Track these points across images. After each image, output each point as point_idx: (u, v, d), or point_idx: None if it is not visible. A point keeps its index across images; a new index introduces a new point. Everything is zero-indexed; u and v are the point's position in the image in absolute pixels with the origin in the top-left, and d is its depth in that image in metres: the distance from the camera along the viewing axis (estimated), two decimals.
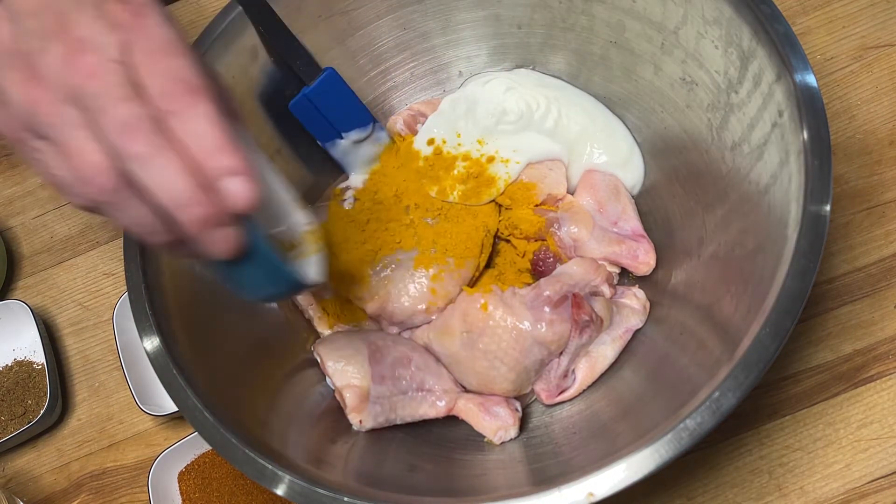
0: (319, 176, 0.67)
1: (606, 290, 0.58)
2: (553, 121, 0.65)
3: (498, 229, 0.64)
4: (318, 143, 0.64)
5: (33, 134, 0.37)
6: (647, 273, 0.61)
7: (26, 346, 0.72)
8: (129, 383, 0.66)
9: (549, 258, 0.62)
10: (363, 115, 0.64)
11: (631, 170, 0.64)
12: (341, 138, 0.64)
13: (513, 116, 0.65)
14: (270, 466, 0.44)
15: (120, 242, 0.70)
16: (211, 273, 0.42)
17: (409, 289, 0.59)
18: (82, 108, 0.35)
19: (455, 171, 0.64)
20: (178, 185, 0.35)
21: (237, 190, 0.36)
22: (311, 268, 0.47)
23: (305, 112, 0.62)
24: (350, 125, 0.63)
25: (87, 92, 0.35)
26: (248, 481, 0.64)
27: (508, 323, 0.55)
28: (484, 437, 0.57)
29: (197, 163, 0.36)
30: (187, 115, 0.35)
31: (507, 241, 0.65)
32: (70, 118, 0.36)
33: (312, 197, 0.67)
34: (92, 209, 0.38)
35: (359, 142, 0.65)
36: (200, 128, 0.35)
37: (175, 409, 0.63)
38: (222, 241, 0.38)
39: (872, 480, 0.57)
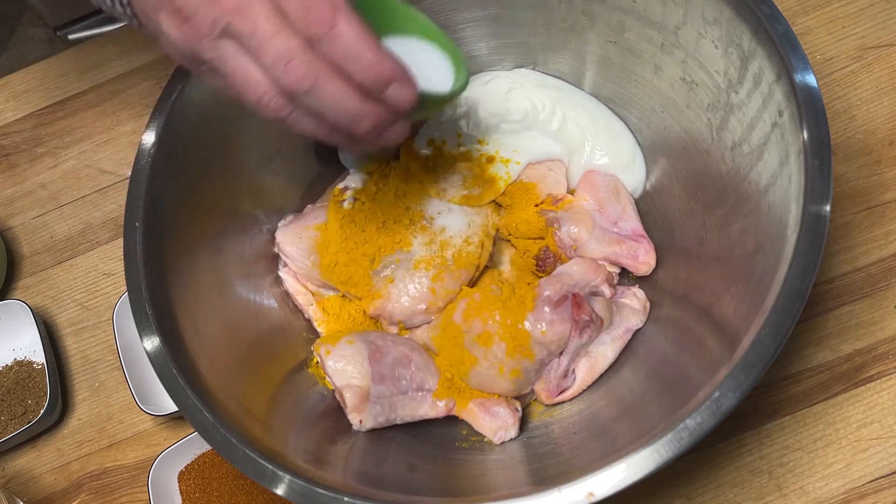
0: (322, 166, 0.67)
1: (606, 290, 0.58)
2: (557, 123, 0.65)
3: (498, 229, 0.64)
4: None
5: (199, 63, 0.40)
6: (647, 273, 0.61)
7: (26, 346, 0.72)
8: (129, 383, 0.66)
9: (550, 258, 0.62)
10: None
11: (633, 172, 0.64)
12: None
13: (517, 115, 0.65)
14: (270, 466, 0.44)
15: (120, 242, 0.70)
16: None
17: (409, 289, 0.59)
18: (237, 40, 0.38)
19: (455, 172, 0.64)
20: (345, 105, 0.39)
21: (399, 95, 0.39)
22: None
23: None
24: None
25: (237, 26, 0.37)
26: (248, 481, 0.64)
27: (508, 323, 0.55)
28: (484, 436, 0.57)
29: (356, 80, 0.38)
30: (334, 35, 0.37)
31: (508, 240, 0.65)
32: (228, 50, 0.38)
33: (313, 197, 0.67)
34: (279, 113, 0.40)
35: None
36: (351, 47, 0.37)
37: (175, 409, 0.63)
38: (397, 134, 0.42)
39: (872, 480, 0.57)
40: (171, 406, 0.65)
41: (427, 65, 0.49)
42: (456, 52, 0.50)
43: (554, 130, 0.65)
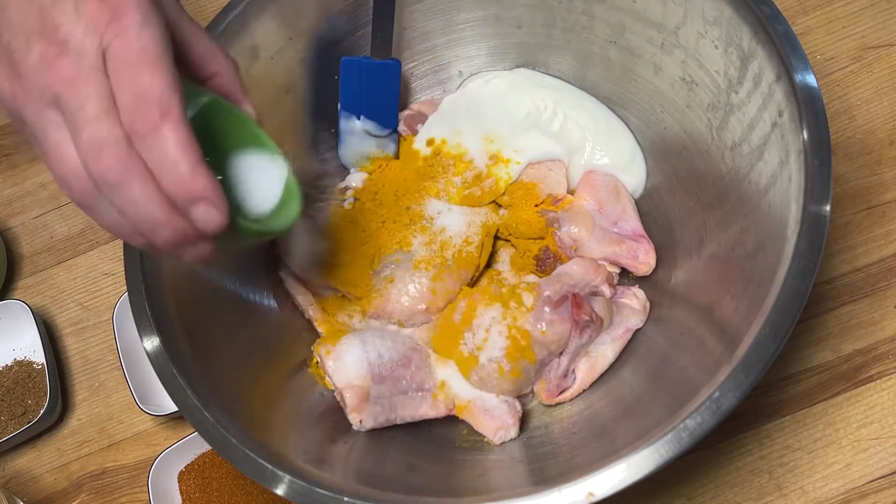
0: (322, 166, 0.67)
1: (606, 290, 0.58)
2: (559, 123, 0.65)
3: (498, 229, 0.64)
4: (339, 105, 0.65)
5: (22, 123, 0.38)
6: (648, 273, 0.61)
7: (26, 346, 0.72)
8: (128, 383, 0.66)
9: (550, 258, 0.62)
10: (391, 118, 0.65)
11: (633, 172, 0.64)
12: (359, 119, 0.64)
13: (520, 115, 0.65)
14: (270, 466, 0.44)
15: (120, 242, 0.70)
16: None
17: (410, 289, 0.59)
18: (62, 111, 0.36)
19: (455, 172, 0.64)
20: (147, 210, 0.36)
21: (205, 216, 0.37)
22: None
23: (350, 73, 0.62)
24: (376, 116, 0.64)
25: (65, 100, 0.35)
26: (248, 481, 0.64)
27: (508, 323, 0.55)
28: (484, 436, 0.57)
29: (165, 190, 0.36)
30: (155, 138, 0.35)
31: (507, 240, 0.65)
32: (50, 119, 0.36)
33: (313, 197, 0.67)
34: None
35: (369, 134, 0.65)
36: (168, 153, 0.36)
37: (175, 409, 0.63)
38: (195, 254, 0.39)
39: (872, 480, 0.57)
40: (170, 406, 0.65)
41: (259, 189, 0.47)
42: (292, 186, 0.47)
43: (555, 131, 0.65)
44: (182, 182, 0.36)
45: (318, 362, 0.58)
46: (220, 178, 0.43)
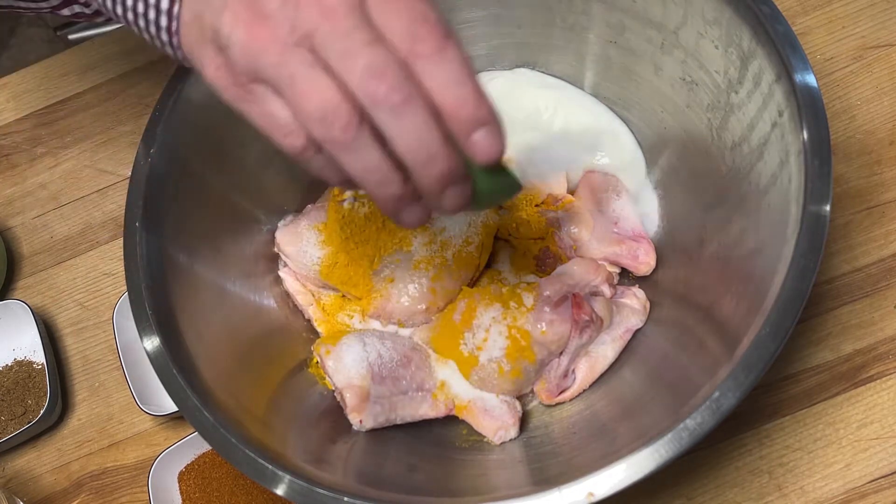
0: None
1: (606, 290, 0.58)
2: (560, 125, 0.65)
3: (498, 229, 0.64)
4: None
5: (250, 78, 0.35)
6: (648, 273, 0.61)
7: (26, 346, 0.72)
8: (128, 383, 0.66)
9: (550, 258, 0.62)
10: None
11: (634, 173, 0.64)
12: None
13: (524, 113, 0.65)
14: (270, 466, 0.44)
15: (120, 242, 0.70)
16: None
17: (409, 289, 0.59)
18: (316, 49, 0.33)
19: None
20: (428, 139, 0.33)
21: (488, 142, 0.34)
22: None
23: None
24: None
25: (325, 33, 0.33)
26: (248, 481, 0.64)
27: (508, 323, 0.55)
28: (484, 436, 0.57)
29: (447, 113, 0.34)
30: (438, 60, 0.33)
31: (507, 240, 0.65)
32: (302, 58, 0.33)
33: (313, 197, 0.67)
34: (307, 155, 0.35)
35: None
36: (454, 75, 0.33)
37: (174, 409, 0.63)
38: (457, 197, 0.36)
39: (872, 480, 0.57)
40: (170, 406, 0.65)
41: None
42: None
43: (557, 132, 0.65)
44: (469, 104, 0.33)
45: (318, 362, 0.58)
46: None
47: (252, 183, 0.63)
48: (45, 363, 0.69)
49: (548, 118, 0.65)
